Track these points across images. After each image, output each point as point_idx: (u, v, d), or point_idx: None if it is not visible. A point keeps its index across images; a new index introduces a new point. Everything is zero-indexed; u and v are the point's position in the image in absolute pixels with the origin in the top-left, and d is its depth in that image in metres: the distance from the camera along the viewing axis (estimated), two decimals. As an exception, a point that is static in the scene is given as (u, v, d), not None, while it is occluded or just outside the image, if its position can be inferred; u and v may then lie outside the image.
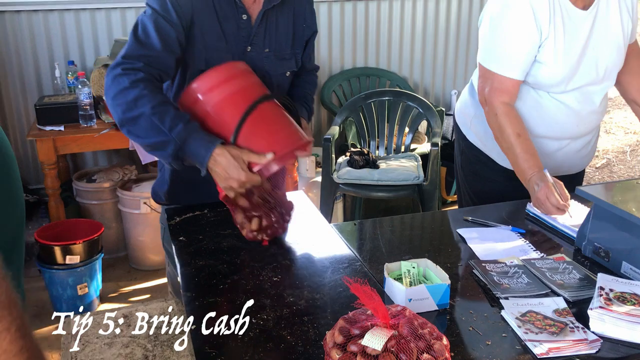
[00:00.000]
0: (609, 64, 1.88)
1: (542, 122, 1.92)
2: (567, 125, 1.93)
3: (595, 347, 1.15)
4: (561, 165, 2.01)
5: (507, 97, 1.86)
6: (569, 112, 1.90)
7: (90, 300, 2.85)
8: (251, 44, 1.67)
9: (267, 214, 1.58)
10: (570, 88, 1.87)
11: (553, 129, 1.93)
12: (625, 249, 1.43)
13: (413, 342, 1.00)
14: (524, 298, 1.31)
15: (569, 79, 1.85)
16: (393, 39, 4.15)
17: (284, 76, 1.76)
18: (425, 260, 1.36)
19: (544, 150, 1.96)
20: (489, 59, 1.87)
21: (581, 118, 1.93)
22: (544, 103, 1.90)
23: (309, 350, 1.13)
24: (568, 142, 1.97)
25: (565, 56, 1.81)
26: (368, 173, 3.18)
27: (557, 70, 1.83)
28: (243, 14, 1.63)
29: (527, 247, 1.59)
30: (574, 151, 2.01)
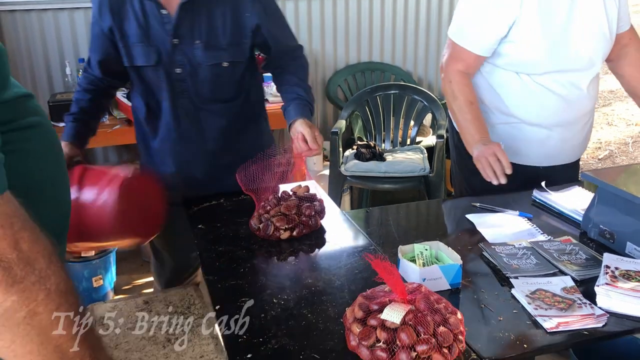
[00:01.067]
0: (592, 50, 1.88)
1: (530, 108, 1.93)
2: (555, 111, 1.93)
3: (602, 322, 1.20)
4: (554, 154, 2.01)
5: (462, 66, 1.90)
6: (556, 97, 1.91)
7: (105, 292, 2.91)
8: (177, 36, 1.72)
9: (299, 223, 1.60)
10: (551, 71, 1.86)
11: (541, 115, 1.94)
12: (629, 231, 1.48)
13: (430, 316, 1.06)
14: (533, 277, 1.36)
15: (547, 62, 1.84)
16: (397, 34, 4.19)
17: (220, 67, 1.78)
18: (437, 243, 1.42)
19: (535, 139, 1.97)
20: (453, 30, 1.92)
21: (569, 104, 1.93)
22: (531, 89, 1.90)
23: (329, 326, 1.19)
24: (558, 130, 1.97)
25: (541, 38, 1.81)
26: (375, 165, 3.23)
27: (531, 50, 1.83)
28: (161, 9, 1.70)
29: (535, 230, 1.64)
30: (565, 139, 2.00)
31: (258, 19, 1.77)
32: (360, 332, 1.07)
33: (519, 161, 1.97)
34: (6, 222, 0.70)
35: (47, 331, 0.73)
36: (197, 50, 1.74)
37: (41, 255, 0.73)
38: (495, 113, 1.98)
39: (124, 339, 1.58)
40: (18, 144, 0.85)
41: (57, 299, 0.74)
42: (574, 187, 1.88)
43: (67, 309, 0.76)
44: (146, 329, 1.61)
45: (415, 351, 1.02)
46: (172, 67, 1.76)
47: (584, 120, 2.02)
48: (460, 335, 1.07)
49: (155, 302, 1.74)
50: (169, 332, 1.60)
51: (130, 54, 1.76)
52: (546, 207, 1.81)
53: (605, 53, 1.94)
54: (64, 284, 0.76)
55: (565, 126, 1.97)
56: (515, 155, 1.98)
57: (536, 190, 1.86)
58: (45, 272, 0.73)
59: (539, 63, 1.85)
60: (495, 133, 1.98)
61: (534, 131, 1.96)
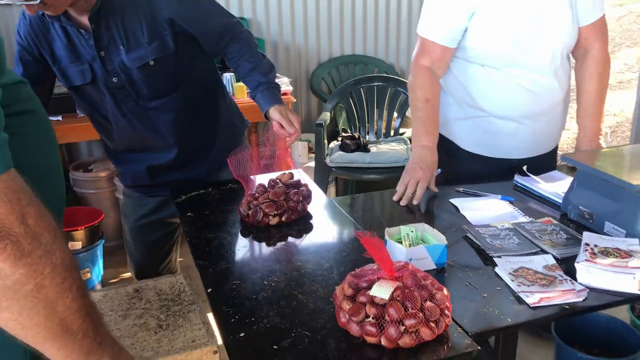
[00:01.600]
0: (557, 43, 1.86)
1: (497, 101, 1.93)
2: (523, 104, 1.92)
3: (582, 296, 1.25)
4: (527, 146, 2.01)
5: (428, 61, 1.90)
6: (522, 90, 1.90)
7: (93, 286, 2.92)
8: (101, 48, 1.73)
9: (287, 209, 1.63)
10: (515, 64, 1.86)
11: (509, 108, 1.94)
12: (608, 211, 1.53)
13: (417, 291, 1.10)
14: (516, 256, 1.41)
15: (510, 54, 1.84)
16: (379, 26, 4.24)
17: (148, 66, 1.76)
18: (423, 225, 1.46)
19: (504, 131, 1.97)
20: (421, 25, 1.92)
21: (536, 96, 1.92)
22: (497, 82, 1.90)
23: (319, 306, 1.22)
24: (527, 122, 1.96)
25: (502, 29, 1.81)
26: (359, 156, 3.27)
27: (492, 42, 1.83)
28: (80, 29, 1.71)
29: (517, 213, 1.69)
30: (536, 131, 1.99)
31: (170, 11, 1.74)
32: (350, 308, 1.10)
33: (491, 154, 2.01)
34: (14, 197, 0.72)
35: (53, 304, 0.76)
36: (123, 56, 1.74)
37: (47, 230, 0.75)
38: (464, 107, 1.99)
39: (115, 326, 1.59)
40: (16, 128, 0.86)
41: (63, 273, 0.76)
42: (554, 172, 1.93)
43: (72, 283, 0.78)
44: (137, 316, 1.63)
45: (403, 325, 1.05)
46: (109, 79, 1.77)
47: (555, 111, 2.01)
48: (446, 310, 1.11)
49: (145, 290, 1.76)
50: (160, 319, 1.61)
51: (67, 76, 1.78)
52: (527, 191, 1.86)
53: (569, 45, 1.92)
54: (68, 259, 0.78)
55: (534, 118, 1.97)
56: (487, 148, 2.01)
57: (518, 175, 1.91)
58: (51, 246, 0.75)
59: (502, 55, 1.85)
60: (465, 128, 2.01)
61: (503, 124, 1.96)
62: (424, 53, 1.91)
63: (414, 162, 1.85)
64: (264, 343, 1.10)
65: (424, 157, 1.85)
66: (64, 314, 0.77)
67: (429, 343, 1.07)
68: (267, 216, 1.59)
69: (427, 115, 1.90)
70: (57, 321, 0.76)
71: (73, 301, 0.78)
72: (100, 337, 0.84)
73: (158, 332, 1.56)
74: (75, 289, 0.79)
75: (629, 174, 1.56)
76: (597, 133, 1.98)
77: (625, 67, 7.11)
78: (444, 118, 2.03)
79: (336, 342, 1.09)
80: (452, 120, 2.02)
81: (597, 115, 1.97)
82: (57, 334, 0.78)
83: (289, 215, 1.61)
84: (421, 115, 1.90)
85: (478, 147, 2.02)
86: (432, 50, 1.89)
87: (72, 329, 0.78)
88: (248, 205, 1.62)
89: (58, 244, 0.76)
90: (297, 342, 1.10)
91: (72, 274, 0.78)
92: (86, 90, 1.81)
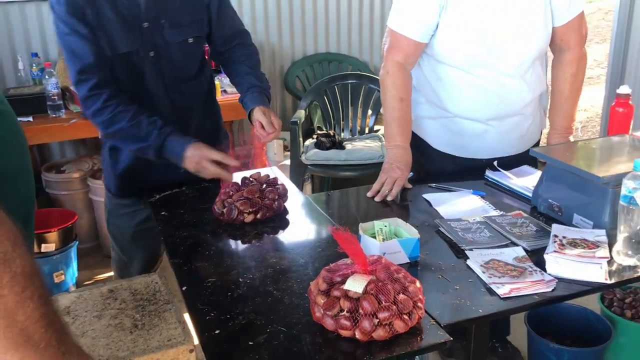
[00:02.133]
0: (526, 45, 1.85)
1: (462, 103, 1.92)
2: (487, 105, 1.91)
3: (551, 286, 1.28)
4: (496, 147, 1.99)
5: (401, 56, 1.89)
6: (488, 92, 1.89)
7: (67, 288, 2.88)
8: (147, 19, 1.74)
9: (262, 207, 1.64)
10: (481, 64, 1.85)
11: (474, 110, 1.93)
12: (576, 204, 1.57)
13: (390, 284, 1.11)
14: (487, 249, 1.43)
15: (478, 54, 1.83)
16: (353, 24, 4.25)
17: (186, 44, 1.82)
18: (396, 219, 1.48)
19: (471, 132, 1.98)
20: (392, 18, 1.91)
21: (501, 98, 1.90)
22: (462, 83, 1.89)
23: (294, 301, 1.23)
24: (494, 123, 1.95)
25: (470, 28, 1.80)
26: (335, 154, 3.29)
27: (459, 41, 1.82)
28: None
29: (488, 207, 1.71)
30: (503, 132, 1.97)
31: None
32: (324, 302, 1.11)
33: (460, 154, 2.02)
34: None
35: (13, 314, 0.73)
36: (165, 30, 1.76)
37: (6, 237, 0.73)
38: (432, 107, 2.00)
39: (90, 326, 1.58)
40: None
41: (23, 282, 0.74)
42: (524, 167, 1.96)
43: (33, 291, 0.76)
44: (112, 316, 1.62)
45: (377, 318, 1.07)
46: (147, 52, 1.77)
47: (525, 113, 1.99)
48: (419, 302, 1.13)
49: (120, 290, 1.75)
50: (135, 319, 1.61)
51: (113, 43, 1.72)
52: (498, 185, 1.89)
53: (541, 47, 1.90)
54: (29, 267, 0.76)
55: (502, 119, 1.96)
56: (456, 148, 2.02)
57: (489, 170, 1.94)
58: (10, 254, 0.73)
59: (470, 56, 1.84)
60: (435, 127, 2.02)
61: (470, 125, 1.97)
62: (396, 48, 1.90)
63: (391, 163, 1.87)
64: (239, 340, 1.11)
65: (400, 157, 1.87)
66: (25, 324, 0.75)
67: (403, 335, 1.09)
68: (241, 214, 1.60)
69: (401, 115, 1.90)
70: (18, 331, 0.74)
71: (34, 310, 0.76)
72: (64, 346, 0.82)
73: (133, 331, 1.56)
74: (36, 298, 0.77)
75: (596, 167, 1.60)
76: (567, 131, 2.01)
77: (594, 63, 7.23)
78: (415, 116, 2.04)
79: (311, 336, 1.11)
80: (423, 118, 2.04)
81: (568, 113, 2.00)
82: (18, 344, 0.76)
83: (264, 212, 1.62)
84: (396, 115, 1.90)
85: (448, 147, 2.03)
86: (404, 45, 1.88)
87: (33, 339, 0.76)
88: (222, 204, 1.63)
89: (18, 251, 0.74)
90: (273, 338, 1.11)
91: (34, 282, 0.76)
92: (127, 61, 1.76)
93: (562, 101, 1.99)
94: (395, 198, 1.80)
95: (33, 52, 3.36)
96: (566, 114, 1.99)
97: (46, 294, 0.80)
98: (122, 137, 1.74)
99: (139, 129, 1.70)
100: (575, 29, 1.92)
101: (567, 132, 2.00)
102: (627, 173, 1.36)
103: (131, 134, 1.71)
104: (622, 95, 1.97)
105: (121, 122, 1.69)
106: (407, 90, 1.92)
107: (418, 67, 1.99)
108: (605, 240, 1.41)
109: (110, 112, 1.69)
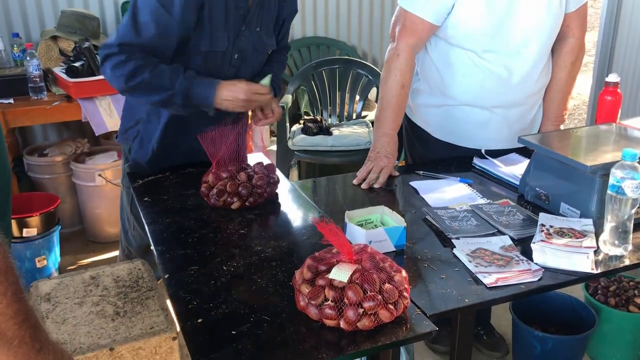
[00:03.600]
0: (535, 31, 1.84)
1: (469, 88, 1.92)
2: (495, 92, 1.91)
3: (537, 276, 1.27)
4: (498, 137, 1.99)
5: (414, 39, 1.86)
6: (496, 78, 1.88)
7: (49, 273, 2.85)
8: (246, 23, 1.72)
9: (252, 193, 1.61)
10: (493, 49, 1.85)
11: (480, 96, 1.92)
12: (563, 192, 1.56)
13: (375, 274, 1.10)
14: (474, 237, 1.42)
15: (490, 38, 1.82)
16: (341, 9, 4.21)
17: (266, 54, 1.85)
18: (382, 207, 1.46)
19: (475, 121, 1.97)
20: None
21: (510, 86, 1.90)
22: (471, 68, 1.88)
23: (279, 290, 1.21)
24: (499, 111, 1.95)
25: (486, 13, 1.78)
26: (322, 140, 3.26)
27: (474, 23, 1.80)
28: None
29: (475, 195, 1.70)
30: (508, 122, 1.97)
31: (289, 10, 1.85)
32: (309, 291, 1.09)
33: (462, 144, 2.00)
34: None
35: None
36: (258, 38, 1.76)
37: None
38: (436, 95, 1.98)
39: (71, 313, 1.56)
40: None
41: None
42: (512, 155, 1.96)
43: (7, 288, 0.74)
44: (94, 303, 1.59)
45: (362, 308, 1.05)
46: (233, 53, 1.75)
47: (529, 103, 1.98)
48: (405, 292, 1.11)
49: (102, 276, 1.72)
50: (117, 306, 1.58)
51: (212, 39, 1.68)
52: (486, 173, 1.88)
53: (555, 33, 1.90)
54: (3, 263, 0.74)
55: (507, 108, 1.95)
56: (458, 137, 2.00)
57: (476, 157, 1.93)
58: None
59: (484, 36, 1.83)
60: (437, 115, 2.00)
61: (475, 113, 1.96)
62: (410, 31, 1.85)
63: (377, 151, 1.85)
64: (222, 328, 1.09)
65: (387, 145, 1.85)
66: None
67: (388, 325, 1.08)
68: (231, 197, 1.57)
69: (398, 102, 1.89)
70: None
71: (8, 307, 0.74)
72: (39, 343, 0.81)
73: (115, 319, 1.53)
74: (10, 294, 0.75)
75: (583, 156, 1.59)
76: (559, 119, 2.01)
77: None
78: (416, 105, 2.02)
79: (295, 325, 1.09)
80: (425, 107, 2.02)
81: (562, 102, 2.00)
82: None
83: (254, 199, 1.59)
84: (393, 101, 1.88)
85: (449, 136, 2.01)
86: (419, 28, 1.84)
87: (7, 336, 0.75)
88: (211, 187, 1.60)
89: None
90: (256, 327, 1.09)
91: (7, 278, 0.74)
92: (211, 58, 1.72)
93: (559, 88, 1.99)
94: (382, 185, 1.79)
95: (14, 33, 3.29)
96: (560, 103, 2.00)
97: (20, 290, 0.78)
98: (145, 88, 1.65)
99: (162, 78, 1.63)
100: (581, 17, 1.93)
101: (559, 120, 2.00)
102: (615, 162, 1.35)
103: (155, 84, 1.63)
104: (611, 84, 1.96)
105: (144, 73, 1.62)
106: (409, 77, 1.91)
107: (425, 51, 1.97)
108: (592, 230, 1.40)
109: (134, 65, 1.61)
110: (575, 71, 1.99)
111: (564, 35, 1.95)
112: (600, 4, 4.36)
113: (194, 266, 1.32)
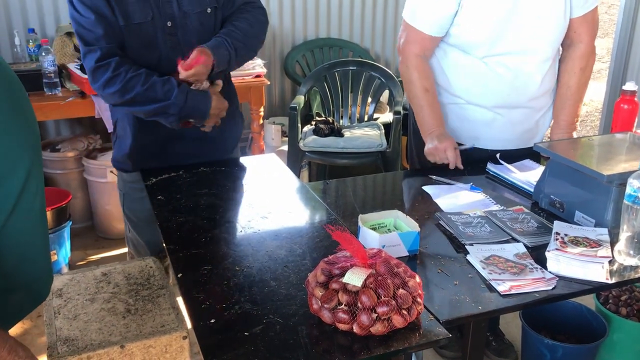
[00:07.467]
0: (538, 38, 1.85)
1: (473, 89, 1.94)
2: (498, 93, 1.92)
3: (551, 284, 1.26)
4: (503, 137, 2.00)
5: (419, 49, 1.91)
6: (500, 80, 1.89)
7: (59, 268, 2.86)
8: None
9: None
10: (496, 53, 1.86)
11: (484, 97, 1.94)
12: (578, 200, 1.55)
13: (390, 279, 1.09)
14: (487, 244, 1.42)
15: (492, 43, 1.84)
16: (355, 10, 4.20)
17: (205, 14, 1.78)
18: (396, 212, 1.45)
19: (480, 120, 1.98)
20: (408, 12, 1.91)
21: (514, 88, 1.91)
22: (476, 70, 1.90)
23: (291, 292, 1.21)
24: (503, 112, 1.95)
25: (488, 18, 1.80)
26: (333, 141, 3.25)
27: (477, 30, 1.82)
28: None
29: (488, 201, 1.69)
30: (512, 123, 1.97)
31: None
32: (322, 295, 1.09)
33: (468, 143, 1.99)
34: None
35: None
36: (183, 0, 1.72)
37: None
38: (442, 93, 2.00)
39: (83, 310, 1.56)
40: None
41: None
42: (526, 161, 1.94)
43: None
44: (105, 300, 1.60)
45: (375, 312, 1.05)
46: (164, 22, 1.72)
47: (533, 106, 1.98)
48: (418, 297, 1.11)
49: (114, 273, 1.73)
50: (128, 303, 1.59)
51: (126, 12, 1.67)
52: (499, 179, 1.86)
53: (558, 38, 1.90)
54: None
55: (511, 109, 1.96)
56: (464, 137, 2.00)
57: (490, 163, 1.92)
58: None
59: (485, 43, 1.84)
60: (443, 112, 2.00)
61: (480, 112, 1.97)
62: (413, 42, 1.91)
63: (434, 143, 1.88)
64: (235, 329, 1.09)
65: (440, 137, 1.89)
66: None
67: (401, 330, 1.08)
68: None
69: (428, 103, 1.92)
70: None
71: None
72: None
73: (126, 316, 1.54)
74: None
75: (600, 164, 1.57)
76: (571, 127, 2.00)
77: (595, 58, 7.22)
78: None
79: (308, 328, 1.09)
80: None
81: (573, 109, 1.99)
82: None
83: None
84: (424, 104, 1.92)
85: (456, 135, 2.00)
86: (420, 39, 1.90)
87: None
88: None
89: None
90: (269, 329, 1.09)
91: None
92: (141, 31, 1.71)
93: (569, 95, 1.98)
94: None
95: (30, 28, 3.30)
96: (571, 110, 1.98)
97: None
98: (139, 101, 1.68)
99: (156, 90, 1.67)
100: (590, 23, 1.92)
101: (570, 128, 1.98)
102: (632, 172, 1.34)
103: (148, 97, 1.67)
104: (628, 92, 1.95)
105: (136, 87, 1.65)
106: (430, 81, 1.94)
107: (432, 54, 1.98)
108: (607, 239, 1.39)
109: (122, 79, 1.64)
110: (586, 78, 1.98)
111: (572, 42, 1.95)
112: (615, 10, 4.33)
113: (206, 266, 1.32)
